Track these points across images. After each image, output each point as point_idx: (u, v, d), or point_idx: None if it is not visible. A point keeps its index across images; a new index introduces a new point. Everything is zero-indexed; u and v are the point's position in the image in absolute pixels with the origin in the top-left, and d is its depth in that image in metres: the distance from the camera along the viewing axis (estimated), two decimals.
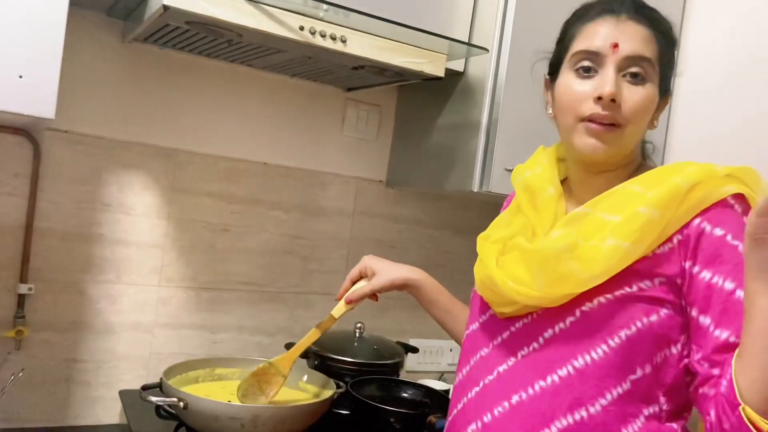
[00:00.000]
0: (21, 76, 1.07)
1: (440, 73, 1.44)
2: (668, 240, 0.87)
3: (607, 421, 0.86)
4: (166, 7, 1.15)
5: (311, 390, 1.44)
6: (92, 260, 1.50)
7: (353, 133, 1.79)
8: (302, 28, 1.26)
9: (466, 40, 1.48)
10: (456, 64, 1.53)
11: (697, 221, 0.86)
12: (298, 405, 1.28)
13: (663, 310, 0.87)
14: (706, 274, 0.85)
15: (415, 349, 1.76)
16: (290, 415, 1.26)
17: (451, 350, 1.95)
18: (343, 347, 1.54)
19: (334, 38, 1.29)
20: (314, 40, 1.27)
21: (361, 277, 1.24)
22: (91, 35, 1.47)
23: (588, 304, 0.89)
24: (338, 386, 1.39)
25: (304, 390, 1.45)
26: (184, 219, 1.60)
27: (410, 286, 1.22)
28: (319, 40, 1.28)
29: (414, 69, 1.40)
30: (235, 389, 1.31)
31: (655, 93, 0.93)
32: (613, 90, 0.89)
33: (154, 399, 1.24)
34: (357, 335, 1.59)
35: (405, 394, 1.54)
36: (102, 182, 1.51)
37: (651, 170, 0.94)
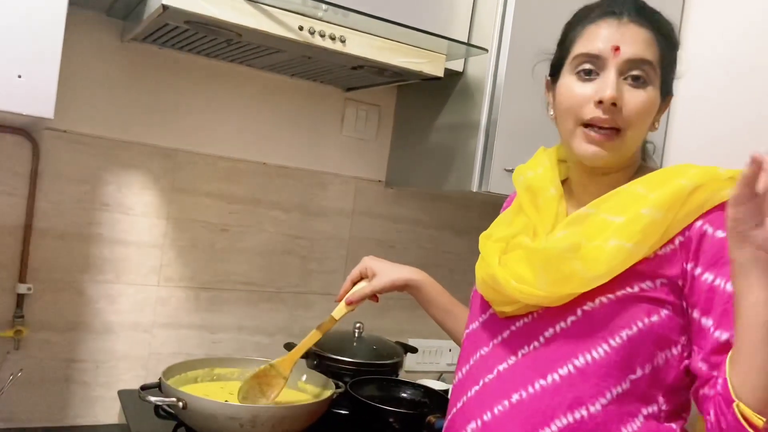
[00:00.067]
0: (20, 76, 1.06)
1: (439, 73, 1.44)
2: (670, 241, 0.88)
3: (606, 421, 0.86)
4: (165, 7, 1.15)
5: (310, 390, 1.44)
6: (91, 260, 1.50)
7: (352, 133, 1.79)
8: (301, 28, 1.26)
9: (466, 40, 1.48)
10: (455, 64, 1.53)
11: (699, 223, 0.87)
12: (297, 405, 1.28)
13: (664, 311, 0.87)
14: (708, 276, 0.85)
15: (414, 349, 1.76)
16: (289, 415, 1.26)
17: (450, 350, 1.95)
18: (342, 347, 1.54)
19: (333, 38, 1.29)
20: (313, 39, 1.27)
21: (362, 278, 1.24)
22: (90, 35, 1.47)
23: (590, 304, 0.89)
24: (337, 386, 1.39)
25: (303, 390, 1.45)
26: (184, 219, 1.60)
27: (411, 287, 1.22)
28: (318, 40, 1.28)
29: (413, 69, 1.40)
30: (234, 389, 1.31)
31: (656, 96, 0.93)
32: (614, 94, 0.89)
33: (153, 399, 1.24)
34: (356, 335, 1.59)
35: (404, 394, 1.54)
36: (101, 182, 1.51)
37: (654, 172, 0.94)
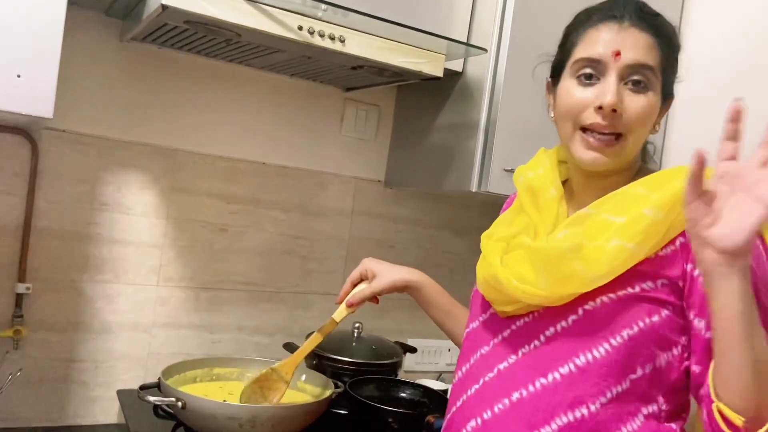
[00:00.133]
0: (19, 76, 1.07)
1: (439, 73, 1.43)
2: (671, 242, 0.88)
3: (606, 420, 0.86)
4: (164, 7, 1.15)
5: (310, 390, 1.44)
6: (90, 260, 1.50)
7: (352, 133, 1.79)
8: (301, 28, 1.25)
9: (465, 41, 1.47)
10: (455, 64, 1.53)
11: None
12: (297, 405, 1.28)
13: (665, 311, 0.87)
14: None
15: (413, 349, 1.76)
16: (288, 415, 1.26)
17: (449, 350, 1.95)
18: (341, 347, 1.54)
19: (332, 38, 1.29)
20: (313, 39, 1.27)
21: (361, 279, 1.24)
22: (90, 35, 1.47)
23: (591, 303, 0.89)
24: (336, 386, 1.39)
25: (303, 390, 1.45)
26: (183, 219, 1.60)
27: (410, 288, 1.22)
28: (317, 40, 1.28)
29: (413, 69, 1.40)
30: (233, 389, 1.31)
31: (656, 101, 0.93)
32: (615, 100, 0.89)
33: (152, 399, 1.24)
34: (355, 335, 1.59)
35: (403, 394, 1.54)
36: (100, 182, 1.51)
37: (654, 173, 0.94)
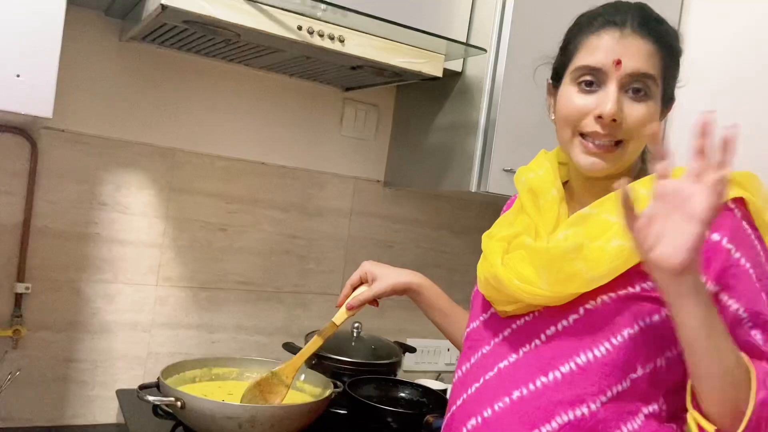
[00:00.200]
0: (18, 76, 1.07)
1: (438, 74, 1.44)
2: None
3: (606, 419, 0.87)
4: (164, 7, 1.15)
5: (309, 389, 1.44)
6: (89, 259, 1.50)
7: (351, 133, 1.79)
8: (300, 28, 1.25)
9: (464, 41, 1.48)
10: (454, 65, 1.53)
11: None
12: (296, 405, 1.28)
13: (665, 311, 0.87)
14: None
15: (412, 349, 1.76)
16: (288, 414, 1.26)
17: (448, 350, 1.95)
18: (340, 347, 1.54)
19: (332, 38, 1.29)
20: (312, 39, 1.27)
21: (361, 282, 1.24)
22: (89, 34, 1.47)
23: (592, 302, 0.89)
24: (336, 386, 1.39)
25: (302, 389, 1.45)
26: (182, 218, 1.60)
27: (411, 291, 1.21)
28: (317, 40, 1.28)
29: (412, 69, 1.40)
30: (232, 389, 1.31)
31: (656, 108, 0.93)
32: (615, 109, 0.89)
33: (151, 398, 1.24)
34: (354, 335, 1.59)
35: (402, 394, 1.54)
36: (99, 181, 1.51)
37: (654, 174, 0.94)
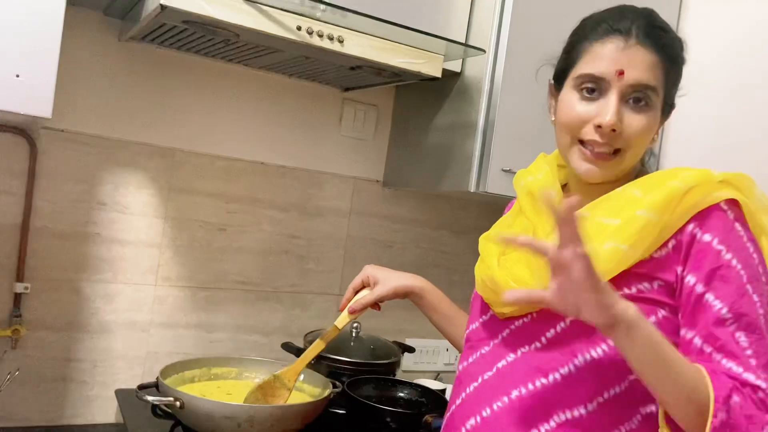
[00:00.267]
0: (18, 75, 1.07)
1: (437, 74, 1.44)
2: (664, 244, 0.88)
3: (604, 419, 0.87)
4: (163, 7, 1.15)
5: (308, 389, 1.44)
6: (88, 259, 1.50)
7: (350, 132, 1.79)
8: (299, 28, 1.26)
9: (463, 41, 1.48)
10: (453, 65, 1.53)
11: (690, 227, 0.87)
12: (295, 405, 1.28)
13: (661, 312, 0.88)
14: (690, 278, 0.87)
15: (411, 349, 1.76)
16: (286, 414, 1.26)
17: (447, 350, 1.95)
18: (339, 347, 1.54)
19: (331, 38, 1.29)
20: (311, 40, 1.27)
21: (364, 286, 1.24)
22: (88, 34, 1.47)
23: None
24: (335, 386, 1.39)
25: (301, 389, 1.45)
26: (181, 218, 1.60)
27: (413, 294, 1.21)
28: (316, 40, 1.28)
29: (411, 69, 1.40)
30: (231, 389, 1.31)
31: (656, 119, 0.93)
32: (614, 120, 0.89)
33: (150, 398, 1.24)
34: (353, 335, 1.60)
35: (401, 394, 1.54)
36: (98, 181, 1.51)
37: (648, 175, 0.95)
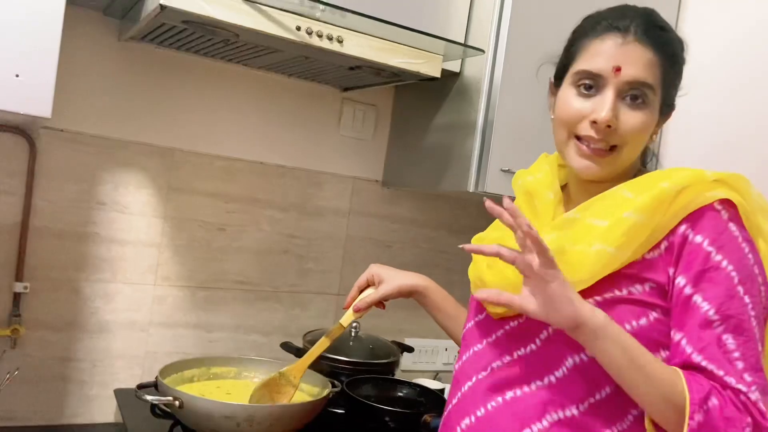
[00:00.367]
0: (17, 75, 1.07)
1: (436, 74, 1.44)
2: (656, 246, 0.88)
3: (596, 419, 0.87)
4: (162, 7, 1.15)
5: (307, 389, 1.44)
6: (88, 259, 1.50)
7: (350, 132, 1.79)
8: (299, 28, 1.26)
9: (463, 41, 1.48)
10: (452, 65, 1.53)
11: (682, 228, 0.87)
12: (294, 404, 1.28)
13: (653, 314, 0.87)
14: (681, 280, 0.86)
15: (410, 349, 1.76)
16: (285, 414, 1.26)
17: (446, 350, 1.95)
18: (338, 346, 1.53)
19: (330, 38, 1.29)
20: (311, 40, 1.27)
21: (369, 285, 1.24)
22: (87, 34, 1.47)
23: None
24: (333, 385, 1.39)
25: (300, 389, 1.44)
26: (180, 218, 1.60)
27: (417, 294, 1.22)
28: (315, 41, 1.28)
29: (410, 69, 1.40)
30: (230, 388, 1.31)
31: (653, 117, 0.93)
32: (609, 116, 0.89)
33: (149, 398, 1.24)
34: (353, 334, 1.60)
35: (400, 394, 1.54)
36: (98, 181, 1.51)
37: (643, 175, 0.94)
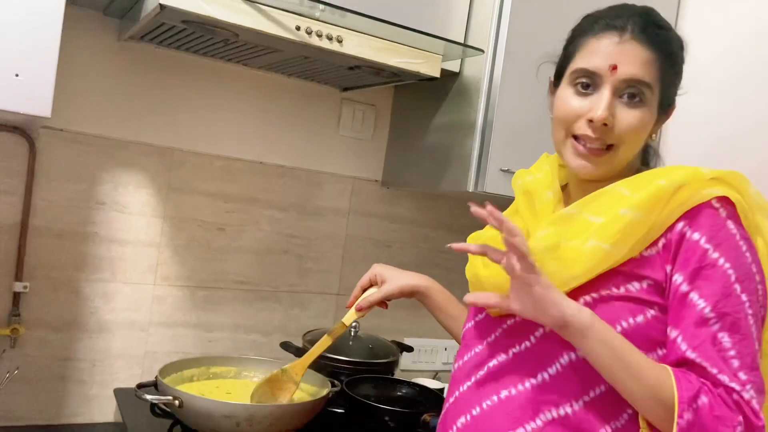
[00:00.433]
0: (17, 75, 1.07)
1: (436, 74, 1.44)
2: (654, 243, 0.88)
3: (591, 417, 0.87)
4: (162, 6, 1.15)
5: (306, 388, 1.44)
6: (87, 258, 1.50)
7: (349, 132, 1.79)
8: (298, 28, 1.26)
9: (462, 41, 1.48)
10: (452, 65, 1.53)
11: (680, 225, 0.87)
12: (294, 404, 1.28)
13: (650, 312, 0.87)
14: (677, 277, 0.86)
15: (409, 348, 1.76)
16: (285, 413, 1.26)
17: (445, 349, 1.95)
18: (338, 346, 1.53)
19: (330, 38, 1.29)
20: (310, 40, 1.27)
21: (371, 284, 1.24)
22: (87, 34, 1.47)
23: None
24: (333, 385, 1.40)
25: (300, 388, 1.45)
26: (180, 218, 1.60)
27: (419, 294, 1.22)
28: (315, 40, 1.28)
29: (410, 69, 1.40)
30: (230, 388, 1.31)
31: (650, 115, 0.93)
32: (605, 115, 0.89)
33: (149, 397, 1.25)
34: (352, 334, 1.60)
35: (400, 393, 1.54)
36: (97, 180, 1.51)
37: (641, 173, 0.94)
